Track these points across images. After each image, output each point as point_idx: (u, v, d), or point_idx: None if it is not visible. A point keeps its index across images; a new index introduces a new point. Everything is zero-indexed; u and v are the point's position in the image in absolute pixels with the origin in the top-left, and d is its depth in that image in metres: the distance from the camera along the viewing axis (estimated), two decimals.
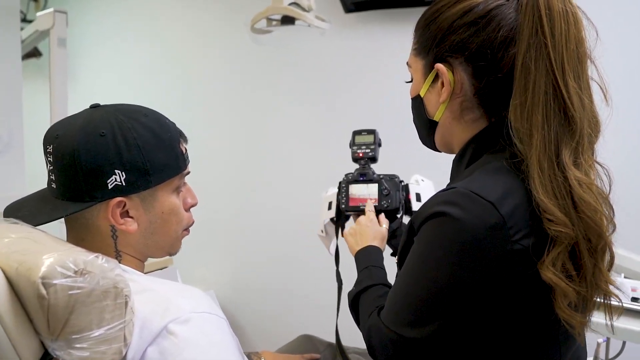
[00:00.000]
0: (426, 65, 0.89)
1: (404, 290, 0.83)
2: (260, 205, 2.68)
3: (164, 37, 2.92)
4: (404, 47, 2.23)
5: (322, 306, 2.53)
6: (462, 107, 0.87)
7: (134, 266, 0.93)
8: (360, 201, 1.32)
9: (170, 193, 0.93)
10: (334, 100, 2.43)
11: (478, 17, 0.81)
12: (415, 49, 0.92)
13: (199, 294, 0.88)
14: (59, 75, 2.16)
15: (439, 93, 0.88)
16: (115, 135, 0.86)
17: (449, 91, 0.86)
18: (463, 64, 0.84)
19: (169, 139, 0.91)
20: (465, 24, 0.82)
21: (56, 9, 2.15)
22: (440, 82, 0.87)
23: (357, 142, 1.38)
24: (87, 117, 0.89)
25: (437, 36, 0.85)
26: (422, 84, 0.91)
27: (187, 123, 1.13)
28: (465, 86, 0.85)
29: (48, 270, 0.71)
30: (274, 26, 1.99)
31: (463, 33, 0.82)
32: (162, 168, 0.89)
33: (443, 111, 0.89)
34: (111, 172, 0.85)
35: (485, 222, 0.73)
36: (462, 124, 0.89)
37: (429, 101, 0.91)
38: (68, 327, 0.73)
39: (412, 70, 0.94)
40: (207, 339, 0.81)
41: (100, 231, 0.89)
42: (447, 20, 0.84)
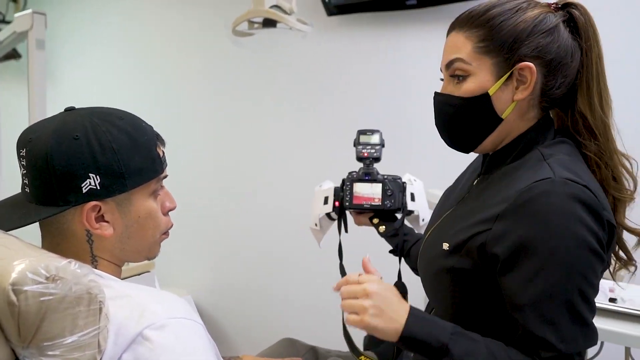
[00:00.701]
0: (500, 63, 0.92)
1: (560, 299, 0.85)
2: (240, 207, 2.67)
3: (145, 39, 2.90)
4: (386, 50, 2.26)
5: (303, 309, 2.53)
6: (529, 105, 0.95)
7: (110, 271, 0.91)
8: (364, 199, 1.35)
9: (147, 197, 0.92)
10: (316, 103, 2.43)
11: (553, 26, 0.92)
12: (483, 46, 0.93)
13: (175, 299, 0.87)
14: (38, 77, 2.13)
15: (512, 91, 0.93)
16: (90, 138, 0.84)
17: (531, 91, 0.92)
18: (541, 65, 0.92)
19: (146, 142, 0.90)
20: (545, 30, 0.91)
21: (35, 11, 2.11)
22: (515, 80, 0.92)
23: (362, 142, 1.41)
24: (61, 120, 0.87)
25: (520, 37, 0.91)
26: (491, 82, 0.93)
27: (167, 126, 1.12)
28: (536, 86, 0.93)
29: (19, 277, 0.69)
30: (255, 29, 1.98)
31: (545, 37, 0.91)
32: (138, 172, 0.88)
33: (512, 109, 0.94)
34: (85, 175, 0.84)
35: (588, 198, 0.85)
36: (523, 121, 0.97)
37: (498, 99, 0.93)
38: (40, 334, 0.71)
39: (471, 67, 0.94)
40: (183, 345, 0.80)
41: (76, 236, 0.88)
42: (526, 23, 0.91)
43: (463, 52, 0.94)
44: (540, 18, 0.91)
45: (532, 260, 0.85)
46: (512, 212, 0.87)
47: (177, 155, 2.76)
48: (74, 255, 0.83)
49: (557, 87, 0.94)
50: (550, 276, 0.84)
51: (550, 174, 0.87)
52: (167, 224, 0.98)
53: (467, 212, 0.99)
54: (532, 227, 0.85)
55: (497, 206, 0.90)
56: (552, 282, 0.84)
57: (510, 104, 0.94)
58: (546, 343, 0.84)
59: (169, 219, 1.00)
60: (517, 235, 0.86)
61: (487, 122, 0.96)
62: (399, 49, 2.21)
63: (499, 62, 0.92)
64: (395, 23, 2.19)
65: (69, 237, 0.88)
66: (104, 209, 0.87)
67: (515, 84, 0.92)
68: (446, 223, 1.05)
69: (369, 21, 2.24)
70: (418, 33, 2.16)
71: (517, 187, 0.89)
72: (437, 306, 1.06)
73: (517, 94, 0.93)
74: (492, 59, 0.92)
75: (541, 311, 0.84)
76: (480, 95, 0.94)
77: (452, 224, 1.01)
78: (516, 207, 0.87)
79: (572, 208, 0.84)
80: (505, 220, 0.88)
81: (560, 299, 0.84)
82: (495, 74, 0.92)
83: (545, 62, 0.91)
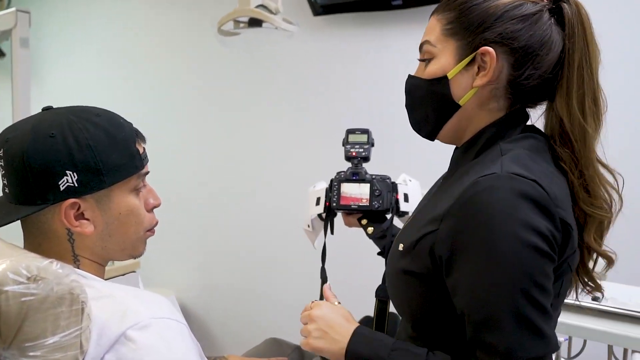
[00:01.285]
0: (463, 47, 0.89)
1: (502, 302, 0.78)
2: (225, 207, 2.67)
3: (131, 39, 2.88)
4: (372, 50, 2.26)
5: (289, 309, 2.53)
6: (491, 95, 0.90)
7: (93, 271, 0.91)
8: (352, 200, 1.32)
9: (127, 193, 0.91)
10: (301, 102, 2.44)
11: (529, 13, 0.86)
12: (450, 29, 0.90)
13: (159, 299, 0.87)
14: (22, 76, 2.11)
15: (473, 77, 0.89)
16: (66, 135, 0.84)
17: (490, 77, 0.87)
18: (507, 53, 0.87)
19: (123, 139, 0.89)
20: (517, 17, 0.86)
21: (18, 9, 2.10)
22: (476, 66, 0.88)
23: (350, 141, 1.38)
24: (38, 119, 0.87)
25: (486, 21, 0.87)
26: (452, 65, 0.89)
27: (152, 125, 1.12)
28: (502, 75, 0.88)
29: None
30: (241, 28, 1.98)
31: (515, 24, 0.86)
32: (116, 168, 0.87)
33: (471, 96, 0.90)
34: (62, 173, 0.83)
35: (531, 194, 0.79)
36: (483, 112, 0.91)
37: (457, 84, 0.90)
38: (21, 335, 0.71)
39: (436, 50, 0.91)
40: (167, 345, 0.80)
41: (57, 235, 0.87)
42: (496, 8, 0.87)
43: (432, 34, 0.93)
44: (515, 4, 0.87)
45: (472, 261, 0.80)
46: (454, 210, 0.82)
47: (160, 155, 2.76)
48: (56, 255, 0.82)
49: (525, 78, 0.87)
50: (490, 278, 0.78)
51: (497, 169, 0.81)
52: (151, 221, 0.98)
53: (424, 212, 0.95)
54: (472, 225, 0.80)
55: (445, 204, 0.86)
56: (492, 283, 0.78)
57: (469, 90, 0.89)
58: (491, 348, 0.79)
59: (153, 216, 0.99)
60: (456, 235, 0.82)
61: (444, 107, 0.92)
62: (385, 48, 2.22)
63: (462, 46, 0.89)
64: (381, 23, 2.20)
65: (50, 237, 0.87)
66: (84, 206, 0.86)
67: (476, 69, 0.88)
68: (409, 223, 1.01)
69: (355, 21, 2.25)
70: (404, 33, 2.16)
71: (465, 184, 0.83)
72: (398, 310, 1.01)
73: (477, 80, 0.88)
74: (457, 42, 0.89)
75: (484, 315, 0.79)
76: (439, 78, 0.91)
77: (410, 224, 0.98)
78: (459, 205, 0.82)
79: (516, 205, 0.77)
80: (448, 220, 0.83)
81: (504, 303, 0.77)
82: (457, 57, 0.89)
83: (512, 50, 0.86)
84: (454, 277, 0.83)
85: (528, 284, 0.77)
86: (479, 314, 0.80)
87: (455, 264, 0.82)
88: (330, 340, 0.93)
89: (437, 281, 0.87)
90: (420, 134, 1.00)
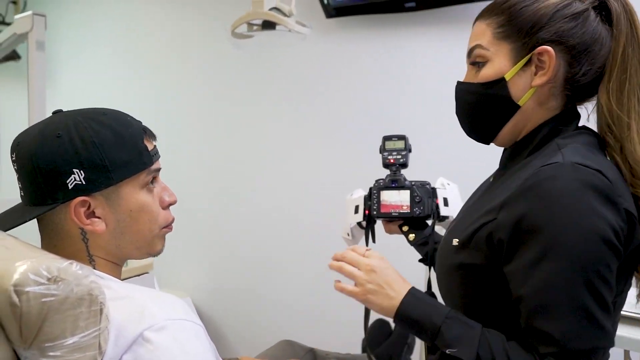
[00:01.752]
0: (518, 48, 0.91)
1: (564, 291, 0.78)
2: (240, 210, 2.67)
3: (145, 41, 2.90)
4: (384, 52, 2.26)
5: (302, 311, 2.54)
6: (550, 93, 0.92)
7: (108, 271, 0.91)
8: (392, 207, 1.31)
9: (137, 190, 0.91)
10: (314, 105, 2.44)
11: (579, 11, 0.89)
12: (502, 32, 0.92)
13: (175, 300, 0.88)
14: (38, 79, 2.13)
15: (531, 77, 0.91)
16: (72, 135, 0.85)
17: (550, 76, 0.89)
18: (563, 52, 0.89)
19: (130, 135, 0.90)
20: (568, 16, 0.88)
21: (35, 12, 2.12)
22: (534, 66, 0.90)
23: (387, 148, 1.37)
24: (46, 122, 0.89)
25: (539, 21, 0.89)
26: (508, 67, 0.91)
27: (166, 127, 1.13)
28: (559, 73, 0.90)
29: (21, 278, 0.70)
30: (254, 31, 1.99)
31: (568, 23, 0.88)
32: (123, 164, 0.88)
33: (530, 96, 0.92)
34: (69, 171, 0.84)
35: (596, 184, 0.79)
36: (542, 111, 0.93)
37: (515, 85, 0.91)
38: (41, 335, 0.72)
39: (489, 53, 0.93)
40: (183, 347, 0.80)
41: (71, 235, 0.88)
42: (547, 8, 0.89)
43: (483, 39, 0.94)
44: (564, 3, 0.89)
45: (535, 247, 0.80)
46: (516, 197, 0.84)
47: (176, 157, 2.78)
48: (71, 256, 0.83)
49: (582, 74, 0.90)
50: (553, 265, 0.79)
51: (559, 158, 0.83)
52: (166, 218, 0.98)
53: (478, 207, 0.96)
54: (536, 210, 0.81)
55: (504, 195, 0.87)
56: (556, 271, 0.79)
57: (528, 90, 0.91)
58: (546, 336, 0.79)
59: (169, 213, 0.99)
60: (519, 221, 0.82)
61: (503, 109, 0.94)
62: (398, 51, 2.21)
63: (517, 47, 0.91)
64: (394, 25, 2.20)
65: (64, 238, 0.89)
66: (94, 204, 0.87)
67: (533, 69, 0.90)
68: (461, 221, 1.01)
69: (367, 23, 2.25)
70: (416, 35, 2.16)
71: (523, 177, 0.85)
72: (450, 305, 1.00)
73: (536, 80, 0.90)
74: (511, 44, 0.91)
75: (543, 302, 0.80)
76: (497, 80, 0.92)
77: (463, 220, 0.99)
78: (521, 192, 0.83)
79: (581, 194, 0.78)
80: (509, 207, 0.84)
81: (564, 291, 0.78)
82: (513, 59, 0.91)
83: (568, 48, 0.89)
84: (514, 263, 0.84)
85: (592, 275, 0.78)
86: (537, 300, 0.80)
87: (516, 249, 0.83)
88: (383, 296, 0.93)
89: (494, 272, 0.88)
90: (476, 138, 1.02)
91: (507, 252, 0.85)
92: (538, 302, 0.80)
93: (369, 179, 1.40)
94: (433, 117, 2.14)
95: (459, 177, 2.01)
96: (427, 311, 0.90)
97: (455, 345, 0.86)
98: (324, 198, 2.40)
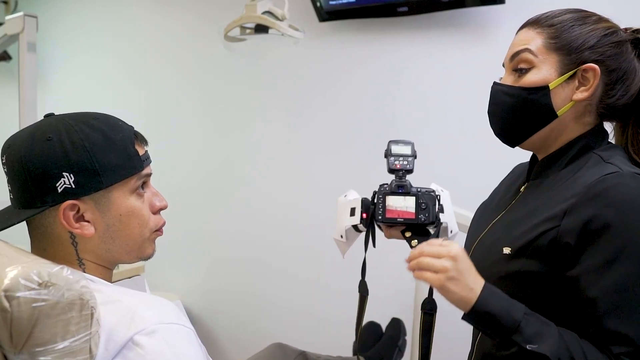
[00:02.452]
0: (566, 61, 0.96)
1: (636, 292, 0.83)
2: (233, 210, 2.67)
3: (137, 43, 2.90)
4: (377, 56, 2.27)
5: (294, 314, 2.54)
6: (586, 110, 0.98)
7: (99, 274, 0.91)
8: (398, 213, 1.30)
9: (127, 195, 0.91)
10: (307, 109, 2.45)
11: (623, 40, 0.96)
12: (554, 43, 0.97)
13: (166, 304, 0.88)
14: (29, 80, 2.13)
15: (572, 90, 0.96)
16: (62, 138, 0.85)
17: (590, 92, 0.95)
18: (604, 73, 0.95)
19: (121, 140, 0.90)
20: (614, 42, 0.96)
21: (26, 13, 2.12)
22: (577, 81, 0.96)
23: (394, 153, 1.35)
24: (37, 125, 0.89)
25: (588, 41, 0.95)
26: (554, 77, 0.96)
27: (158, 129, 1.13)
28: (596, 92, 0.96)
29: (11, 283, 0.70)
30: (247, 34, 1.99)
31: (612, 49, 0.95)
32: (113, 168, 0.88)
33: (569, 108, 0.97)
34: (59, 175, 0.84)
35: None
36: (577, 124, 0.99)
37: (557, 95, 0.96)
38: (32, 340, 0.72)
39: (538, 60, 0.97)
40: (173, 350, 0.81)
41: (60, 239, 0.88)
42: (597, 31, 0.96)
43: (532, 44, 0.98)
44: (611, 30, 0.96)
45: (606, 249, 0.84)
46: (583, 204, 0.87)
47: (168, 159, 2.77)
48: (61, 260, 0.84)
49: (616, 99, 0.97)
50: (625, 267, 0.83)
51: (616, 168, 0.88)
52: (156, 223, 0.97)
53: (526, 215, 0.98)
54: (607, 214, 0.85)
55: (564, 203, 0.90)
56: (628, 273, 0.83)
57: (568, 103, 0.96)
58: (620, 337, 0.82)
59: (160, 217, 0.99)
60: (587, 226, 0.86)
61: (542, 116, 0.98)
62: (390, 55, 2.23)
63: (565, 60, 0.96)
64: (387, 30, 2.21)
65: (54, 241, 0.88)
66: (83, 207, 0.87)
67: (576, 84, 0.96)
68: (499, 229, 1.05)
69: (360, 27, 2.26)
70: (409, 40, 2.18)
71: (584, 183, 0.89)
72: None
73: (577, 94, 0.96)
74: (560, 56, 0.96)
75: (615, 303, 0.83)
76: (540, 87, 0.96)
77: (510, 228, 1.01)
78: (588, 198, 0.87)
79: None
80: (575, 213, 0.88)
81: (636, 292, 0.82)
82: (559, 70, 0.96)
83: (609, 71, 0.95)
84: (582, 265, 0.87)
85: None
86: (610, 301, 0.83)
87: (584, 251, 0.87)
88: (463, 286, 0.89)
89: (553, 278, 0.91)
90: (504, 139, 1.05)
91: (573, 256, 0.88)
92: (611, 304, 0.83)
93: (361, 180, 1.41)
94: (425, 120, 2.15)
95: (451, 178, 2.03)
96: (505, 306, 0.88)
97: (535, 341, 0.85)
98: (317, 201, 2.41)
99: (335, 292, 2.32)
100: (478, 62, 2.01)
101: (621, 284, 0.83)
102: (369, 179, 1.42)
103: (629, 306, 0.82)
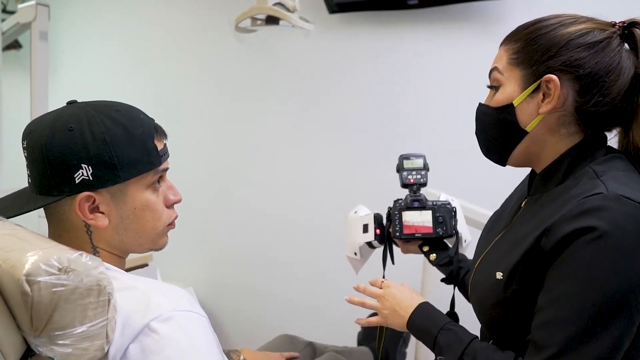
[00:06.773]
0: (527, 75, 0.92)
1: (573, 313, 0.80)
2: (241, 203, 2.68)
3: (148, 34, 2.90)
4: (387, 49, 2.27)
5: (301, 306, 2.55)
6: (560, 121, 0.92)
7: (112, 262, 0.93)
8: (415, 228, 1.30)
9: (143, 189, 0.92)
10: (317, 101, 2.45)
11: (595, 41, 0.89)
12: (515, 58, 0.94)
13: (180, 292, 0.89)
14: (40, 69, 2.14)
15: (538, 104, 0.92)
16: (83, 129, 0.86)
17: (555, 104, 0.90)
18: (571, 81, 0.89)
19: (141, 134, 0.90)
20: (582, 45, 0.89)
21: (38, 2, 2.12)
22: (541, 93, 0.91)
23: (406, 167, 1.34)
24: (59, 112, 0.90)
25: (551, 49, 0.90)
26: (517, 93, 0.93)
27: (167, 121, 1.12)
28: (567, 102, 0.91)
29: (32, 268, 0.71)
30: (258, 26, 2.00)
31: (580, 52, 0.88)
32: (132, 163, 0.89)
33: (537, 123, 0.93)
34: (78, 166, 0.85)
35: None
36: (555, 137, 0.94)
37: (522, 111, 0.93)
38: (51, 324, 0.73)
39: (503, 78, 0.96)
40: (188, 337, 0.82)
41: (75, 227, 0.89)
42: (561, 37, 0.90)
43: (500, 62, 0.97)
44: (581, 32, 0.89)
45: (567, 267, 0.82)
46: (561, 224, 0.83)
47: (177, 150, 2.77)
48: (76, 246, 0.85)
49: (593, 105, 0.89)
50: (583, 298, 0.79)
51: (602, 189, 0.83)
52: (169, 216, 0.99)
53: (519, 237, 0.94)
54: (578, 236, 0.80)
55: (542, 222, 0.88)
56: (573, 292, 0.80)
57: (535, 117, 0.93)
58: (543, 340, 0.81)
59: (173, 211, 1.00)
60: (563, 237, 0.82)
61: (511, 133, 0.96)
62: (400, 48, 2.22)
63: (527, 74, 0.92)
64: (397, 22, 2.21)
65: (69, 228, 0.90)
66: (98, 199, 0.88)
67: (541, 96, 0.91)
68: (497, 250, 1.02)
69: (370, 19, 2.26)
70: (419, 33, 2.17)
71: (567, 206, 0.85)
72: (496, 338, 0.99)
73: (542, 107, 0.91)
74: (522, 70, 0.93)
75: (555, 315, 0.81)
76: (506, 106, 0.95)
77: (504, 250, 0.98)
78: (565, 219, 0.83)
79: (625, 231, 0.79)
80: (552, 233, 0.84)
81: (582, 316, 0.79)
82: (522, 85, 0.93)
83: (577, 77, 0.89)
84: (548, 285, 0.85)
85: (619, 321, 0.78)
86: (552, 314, 0.82)
87: (551, 278, 0.84)
88: (396, 317, 1.10)
89: None
90: (491, 159, 1.03)
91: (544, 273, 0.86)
92: (552, 316, 0.82)
93: (369, 176, 1.40)
94: (434, 114, 2.16)
95: (461, 175, 2.04)
96: (427, 324, 1.05)
97: (445, 353, 0.98)
98: (325, 194, 2.41)
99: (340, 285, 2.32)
100: (490, 57, 2.00)
101: (571, 306, 0.80)
102: (377, 174, 1.42)
103: (568, 321, 0.80)
